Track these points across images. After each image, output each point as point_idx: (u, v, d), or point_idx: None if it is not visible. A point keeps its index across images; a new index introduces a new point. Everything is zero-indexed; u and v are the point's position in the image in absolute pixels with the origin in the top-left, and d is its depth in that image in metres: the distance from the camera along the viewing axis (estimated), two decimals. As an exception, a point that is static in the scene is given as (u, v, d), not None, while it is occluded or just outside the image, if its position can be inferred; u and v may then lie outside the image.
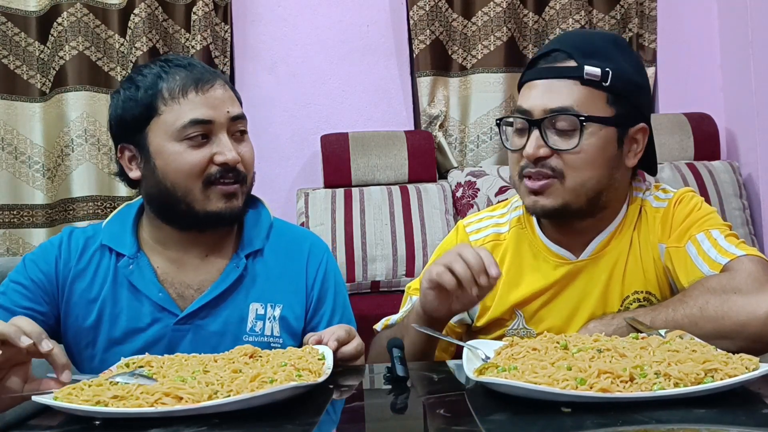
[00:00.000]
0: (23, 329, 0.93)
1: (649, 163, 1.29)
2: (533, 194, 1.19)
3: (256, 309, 1.23)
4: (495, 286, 1.13)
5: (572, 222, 1.24)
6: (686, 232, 1.21)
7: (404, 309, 1.37)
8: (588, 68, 1.16)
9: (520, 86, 1.26)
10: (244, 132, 1.23)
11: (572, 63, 1.17)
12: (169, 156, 1.17)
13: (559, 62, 1.19)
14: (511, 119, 1.23)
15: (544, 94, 1.18)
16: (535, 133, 1.17)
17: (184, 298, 1.22)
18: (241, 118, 1.22)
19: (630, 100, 1.19)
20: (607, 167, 1.19)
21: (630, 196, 1.28)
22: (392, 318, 1.35)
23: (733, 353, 0.87)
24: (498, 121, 1.26)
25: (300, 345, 1.12)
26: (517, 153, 1.21)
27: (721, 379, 0.80)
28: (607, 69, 1.16)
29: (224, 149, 1.17)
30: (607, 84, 1.16)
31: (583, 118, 1.15)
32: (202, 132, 1.17)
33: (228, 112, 1.19)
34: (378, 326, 1.38)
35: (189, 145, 1.16)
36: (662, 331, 1.03)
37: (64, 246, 1.25)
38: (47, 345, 0.94)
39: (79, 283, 1.23)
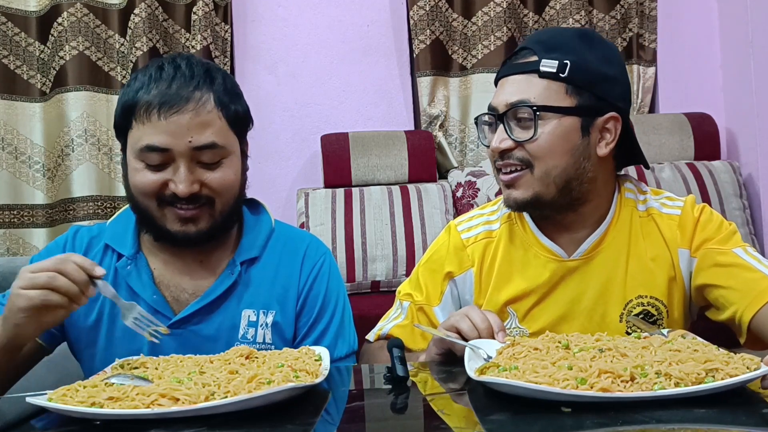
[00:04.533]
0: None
1: (634, 156, 1.30)
2: (507, 187, 1.24)
3: (249, 316, 1.22)
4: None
5: (554, 217, 1.26)
6: (728, 240, 1.22)
7: (392, 315, 1.37)
8: (545, 61, 1.20)
9: (496, 85, 1.30)
10: (214, 163, 1.16)
11: (534, 58, 1.21)
12: (131, 170, 1.17)
13: (523, 59, 1.23)
14: (485, 117, 1.27)
15: (506, 90, 1.23)
16: (500, 127, 1.22)
17: (179, 301, 1.21)
18: (209, 147, 1.14)
19: (593, 90, 1.21)
20: (572, 156, 1.21)
21: (620, 196, 1.29)
22: (384, 328, 1.35)
23: None
24: (475, 120, 1.31)
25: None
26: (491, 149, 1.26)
27: (722, 379, 0.80)
28: (566, 61, 1.19)
29: (177, 179, 1.13)
30: (565, 75, 1.19)
31: (535, 108, 1.18)
32: (159, 159, 1.14)
33: (190, 141, 1.12)
34: (370, 336, 1.37)
35: (146, 166, 1.15)
36: (664, 331, 1.03)
37: (68, 246, 1.25)
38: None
39: None
